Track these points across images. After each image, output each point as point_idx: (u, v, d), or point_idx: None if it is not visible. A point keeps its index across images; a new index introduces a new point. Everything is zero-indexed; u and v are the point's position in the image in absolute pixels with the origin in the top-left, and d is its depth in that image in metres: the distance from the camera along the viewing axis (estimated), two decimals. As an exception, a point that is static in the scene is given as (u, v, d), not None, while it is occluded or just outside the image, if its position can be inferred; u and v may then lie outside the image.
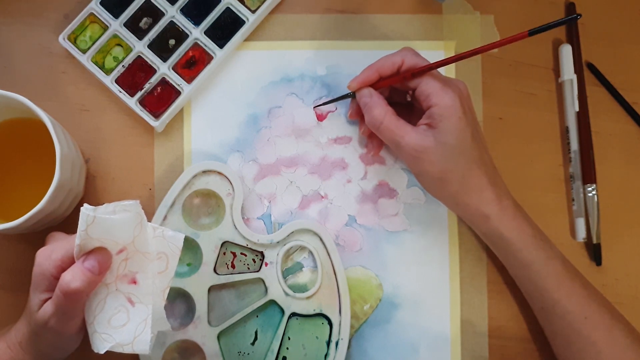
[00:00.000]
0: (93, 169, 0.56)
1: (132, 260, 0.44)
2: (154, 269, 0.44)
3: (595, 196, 0.55)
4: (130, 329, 0.43)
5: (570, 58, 0.57)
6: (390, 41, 0.57)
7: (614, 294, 0.55)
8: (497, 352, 0.55)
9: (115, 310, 0.44)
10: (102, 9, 0.56)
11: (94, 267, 0.42)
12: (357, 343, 0.55)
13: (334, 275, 0.54)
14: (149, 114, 0.55)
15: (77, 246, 0.42)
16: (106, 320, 0.43)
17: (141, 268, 0.44)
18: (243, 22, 0.56)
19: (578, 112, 0.56)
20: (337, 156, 0.56)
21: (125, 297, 0.44)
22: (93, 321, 0.44)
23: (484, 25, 0.58)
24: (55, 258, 0.43)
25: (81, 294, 0.42)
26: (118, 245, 0.43)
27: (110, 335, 0.43)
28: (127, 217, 0.42)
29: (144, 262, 0.44)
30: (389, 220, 0.56)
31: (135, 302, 0.44)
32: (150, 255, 0.44)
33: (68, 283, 0.41)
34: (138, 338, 0.43)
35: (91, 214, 0.41)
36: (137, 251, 0.44)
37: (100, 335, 0.43)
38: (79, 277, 0.41)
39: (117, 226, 0.42)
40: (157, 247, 0.44)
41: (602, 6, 0.58)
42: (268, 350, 0.53)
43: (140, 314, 0.44)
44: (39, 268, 0.44)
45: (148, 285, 0.44)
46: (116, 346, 0.43)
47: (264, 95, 0.57)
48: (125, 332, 0.43)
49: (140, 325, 0.43)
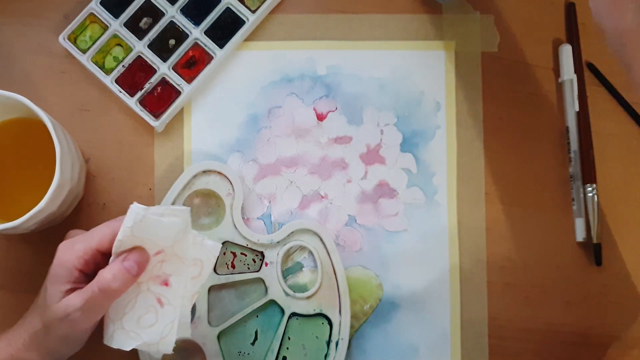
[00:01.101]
0: (93, 169, 0.56)
1: (168, 263, 0.45)
2: (189, 274, 0.45)
3: (595, 196, 0.55)
4: (158, 329, 0.44)
5: (571, 58, 0.57)
6: (390, 41, 0.57)
7: (614, 294, 0.55)
8: (497, 352, 0.55)
9: (145, 310, 0.44)
10: (102, 9, 0.56)
11: (133, 269, 0.43)
12: (357, 343, 0.55)
13: (334, 275, 0.54)
14: (149, 114, 0.55)
15: (118, 241, 0.43)
16: (136, 319, 0.44)
17: (175, 271, 0.45)
18: (243, 22, 0.56)
19: (578, 112, 0.56)
20: (337, 156, 0.56)
21: (155, 298, 0.44)
22: (122, 318, 0.44)
23: (484, 25, 0.58)
24: (77, 249, 0.44)
25: (118, 294, 0.43)
26: (157, 246, 0.44)
27: (138, 335, 0.43)
28: (175, 222, 0.43)
29: (179, 266, 0.44)
30: (389, 220, 0.56)
31: (164, 303, 0.44)
32: (187, 260, 0.44)
33: (109, 282, 0.42)
34: (164, 339, 0.44)
35: (141, 212, 0.42)
36: (174, 255, 0.44)
37: (127, 332, 0.43)
38: (119, 277, 0.42)
39: (162, 229, 0.43)
40: (194, 254, 0.45)
41: (602, 6, 0.58)
42: (268, 350, 0.53)
43: (168, 316, 0.44)
44: (59, 260, 0.44)
45: (180, 288, 0.44)
46: (142, 345, 0.43)
47: (264, 95, 0.57)
48: (153, 333, 0.44)
49: (167, 327, 0.44)
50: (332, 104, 0.57)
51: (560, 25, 0.58)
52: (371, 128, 0.57)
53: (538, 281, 0.55)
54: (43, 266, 0.55)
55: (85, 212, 0.56)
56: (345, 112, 0.57)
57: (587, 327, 0.55)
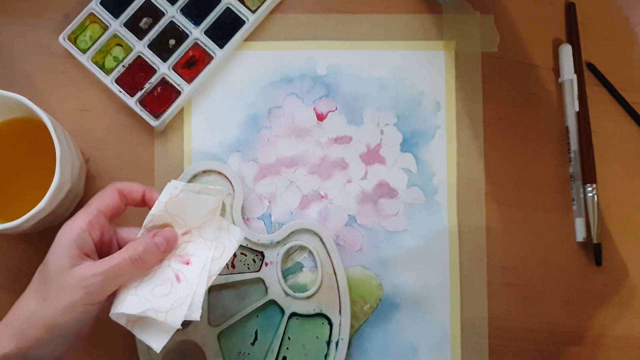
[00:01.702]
0: (93, 169, 0.56)
1: (192, 244, 0.45)
2: (210, 256, 0.45)
3: (595, 196, 0.55)
4: (170, 300, 0.43)
5: (571, 58, 0.57)
6: (390, 41, 0.57)
7: (614, 294, 0.55)
8: (497, 352, 0.55)
9: (161, 281, 0.44)
10: (102, 9, 0.56)
11: (162, 245, 0.44)
12: (357, 343, 0.55)
13: (334, 275, 0.54)
14: (149, 113, 0.55)
15: (151, 215, 0.44)
16: (150, 288, 0.44)
17: (197, 253, 0.45)
18: (243, 22, 0.56)
19: (578, 112, 0.56)
20: (337, 156, 0.56)
21: (174, 273, 0.44)
22: (137, 286, 0.44)
23: (484, 25, 0.58)
24: (81, 216, 0.44)
25: (144, 267, 0.43)
26: (186, 226, 0.45)
27: (149, 301, 0.43)
28: (208, 200, 0.44)
29: (202, 248, 0.45)
30: (389, 220, 0.56)
31: (181, 279, 0.44)
32: (211, 243, 0.45)
33: (140, 253, 0.43)
34: (174, 310, 0.43)
35: (179, 187, 0.44)
36: (200, 237, 0.45)
37: (139, 298, 0.43)
38: (149, 250, 0.43)
39: (194, 207, 0.44)
40: (218, 237, 0.46)
41: (602, 6, 0.58)
42: (268, 350, 0.53)
43: (183, 291, 0.44)
44: (64, 230, 0.44)
45: (199, 267, 0.45)
46: (151, 310, 0.42)
47: (264, 95, 0.57)
48: (164, 302, 0.43)
49: (180, 300, 0.43)
50: (332, 104, 0.57)
51: (560, 25, 0.58)
52: (371, 128, 0.57)
53: (538, 281, 0.55)
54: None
55: (85, 212, 0.56)
56: (345, 112, 0.57)
57: (587, 327, 0.55)
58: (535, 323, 0.55)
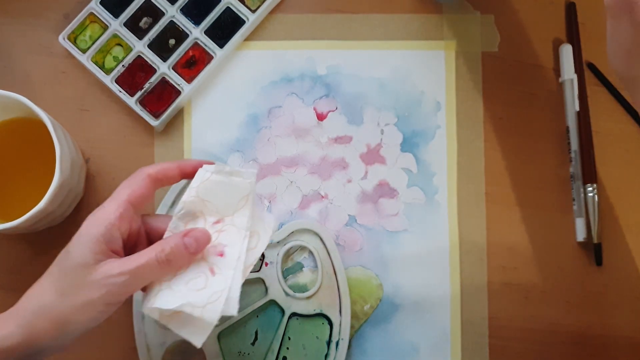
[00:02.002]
0: (93, 169, 0.56)
1: (225, 233, 0.44)
2: (245, 246, 0.44)
3: (595, 196, 0.55)
4: (205, 294, 0.42)
5: (571, 58, 0.57)
6: (390, 41, 0.57)
7: (614, 294, 0.55)
8: (497, 352, 0.55)
9: (195, 275, 0.42)
10: (102, 8, 0.56)
11: (191, 246, 0.42)
12: (358, 343, 0.55)
13: (334, 275, 0.54)
14: (149, 113, 0.55)
15: (182, 202, 0.43)
16: (184, 282, 0.42)
17: (231, 242, 0.44)
18: (243, 21, 0.56)
19: (578, 112, 0.56)
20: (337, 156, 0.56)
21: (208, 267, 0.43)
22: (170, 280, 0.42)
23: (484, 25, 0.58)
24: (109, 206, 0.42)
25: (173, 268, 0.41)
26: (218, 214, 0.44)
27: (184, 295, 0.41)
28: (240, 183, 0.43)
29: (235, 238, 0.44)
30: (389, 220, 0.56)
31: (216, 272, 0.43)
32: (244, 232, 0.44)
33: (167, 255, 0.41)
34: (210, 305, 0.41)
35: (210, 169, 0.42)
36: (232, 225, 0.44)
37: (174, 292, 0.41)
38: (177, 251, 0.41)
39: (226, 192, 0.43)
40: (252, 226, 0.44)
41: (602, 6, 0.58)
42: (268, 351, 0.53)
43: (218, 285, 0.42)
44: (91, 220, 0.41)
45: (233, 259, 0.43)
46: (186, 305, 0.41)
47: (264, 95, 0.57)
48: (200, 296, 0.41)
49: (215, 295, 0.42)
50: (332, 104, 0.57)
51: (561, 25, 0.58)
52: (371, 128, 0.57)
53: (538, 281, 0.55)
54: (43, 266, 0.55)
55: (85, 212, 0.55)
56: (346, 112, 0.57)
57: (587, 327, 0.55)
58: (535, 323, 0.55)
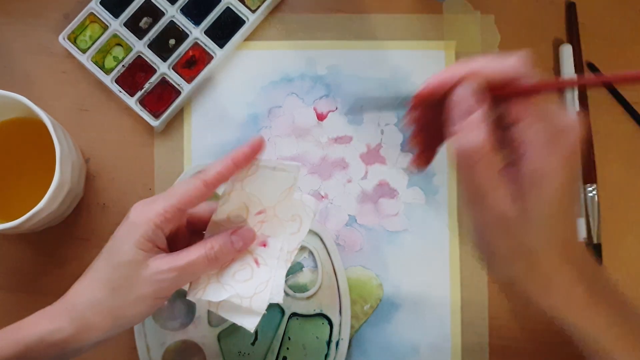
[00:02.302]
0: (93, 169, 0.56)
1: (268, 224, 0.44)
2: (287, 231, 0.44)
3: (595, 196, 0.55)
4: (252, 285, 0.43)
5: (571, 58, 0.57)
6: (390, 41, 0.57)
7: (614, 294, 0.55)
8: (497, 352, 0.55)
9: (241, 267, 0.44)
10: (102, 8, 0.56)
11: (238, 245, 0.42)
12: (357, 343, 0.55)
13: (334, 275, 0.54)
14: (149, 113, 0.55)
15: (226, 194, 0.43)
16: (231, 274, 0.43)
17: (273, 232, 0.44)
18: (243, 22, 0.56)
19: (578, 112, 0.56)
20: (337, 156, 0.56)
21: (253, 258, 0.44)
22: (218, 272, 0.43)
23: (484, 25, 0.58)
24: (157, 207, 0.41)
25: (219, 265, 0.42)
26: (261, 205, 0.44)
27: (232, 287, 0.43)
28: (284, 177, 0.43)
29: (277, 227, 0.44)
30: (389, 220, 0.56)
31: (260, 263, 0.44)
32: (286, 220, 0.44)
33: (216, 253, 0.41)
34: (257, 295, 0.43)
35: (254, 164, 0.43)
36: (274, 215, 0.44)
37: (222, 285, 0.43)
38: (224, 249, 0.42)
39: (270, 185, 0.43)
40: (293, 210, 0.45)
41: (602, 6, 0.58)
42: (268, 351, 0.53)
43: (263, 275, 0.43)
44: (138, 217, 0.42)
45: (276, 249, 0.44)
46: (235, 297, 0.42)
47: (264, 95, 0.57)
48: (247, 287, 0.43)
49: (262, 285, 0.43)
50: (332, 104, 0.57)
51: (561, 25, 0.58)
52: (371, 128, 0.57)
53: (538, 281, 0.55)
54: (43, 266, 0.55)
55: (85, 212, 0.56)
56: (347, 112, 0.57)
57: (587, 327, 0.55)
58: (535, 323, 0.55)
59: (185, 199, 0.42)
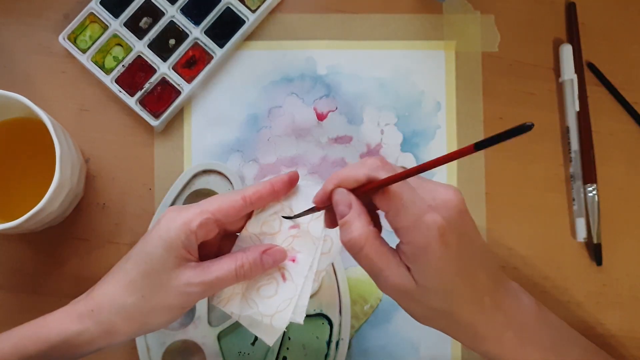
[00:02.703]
0: (93, 169, 0.56)
1: (299, 239, 0.44)
2: (318, 250, 0.44)
3: (595, 196, 0.55)
4: (275, 302, 0.43)
5: (571, 58, 0.57)
6: (390, 41, 0.57)
7: (614, 294, 0.55)
8: (497, 352, 0.55)
9: (267, 280, 0.43)
10: (102, 8, 0.56)
11: (268, 264, 0.42)
12: (358, 343, 0.55)
13: (334, 275, 0.54)
14: (149, 113, 0.55)
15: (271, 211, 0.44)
16: (256, 288, 0.43)
17: (304, 249, 0.44)
18: (243, 21, 0.56)
19: (578, 112, 0.56)
20: (337, 156, 0.56)
21: (280, 272, 0.44)
22: (244, 284, 0.43)
23: (484, 25, 0.58)
24: (193, 214, 0.41)
25: (248, 279, 0.42)
26: (295, 220, 0.44)
27: (256, 303, 0.43)
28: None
29: (309, 245, 0.44)
30: (389, 220, 0.56)
31: (287, 278, 0.43)
32: (318, 239, 0.44)
33: (246, 271, 0.41)
34: (279, 314, 0.42)
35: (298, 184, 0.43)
36: (307, 232, 0.44)
37: (246, 299, 0.43)
38: (256, 267, 0.42)
39: (306, 199, 0.43)
40: (327, 230, 0.44)
41: (602, 6, 0.58)
42: (268, 351, 0.53)
43: (288, 291, 0.43)
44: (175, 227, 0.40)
45: (305, 266, 0.44)
46: (257, 314, 0.42)
47: (264, 95, 0.57)
48: (270, 304, 0.43)
49: (284, 302, 0.43)
50: (332, 104, 0.57)
51: (561, 25, 0.58)
52: (371, 128, 0.57)
53: (538, 281, 0.55)
54: (43, 266, 0.55)
55: (85, 212, 0.56)
56: (346, 112, 0.57)
57: (587, 327, 0.55)
58: (535, 323, 0.55)
59: (222, 210, 0.42)
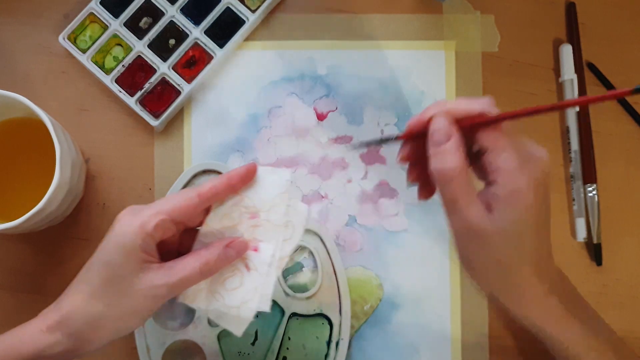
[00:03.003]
0: (93, 169, 0.56)
1: (260, 228, 0.44)
2: (280, 237, 0.44)
3: (595, 196, 0.55)
4: (241, 293, 0.43)
5: (571, 58, 0.57)
6: (390, 41, 0.57)
7: (614, 294, 0.55)
8: (497, 352, 0.55)
9: (231, 272, 0.44)
10: (102, 8, 0.56)
11: (232, 257, 0.42)
12: (358, 343, 0.55)
13: (334, 275, 0.54)
14: (149, 113, 0.55)
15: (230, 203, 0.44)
16: (221, 281, 0.43)
17: (266, 237, 0.44)
18: (243, 21, 0.56)
19: (578, 112, 0.56)
20: (337, 156, 0.56)
21: (243, 263, 0.44)
22: (209, 279, 0.43)
23: (484, 25, 0.58)
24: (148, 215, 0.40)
25: (212, 274, 0.42)
26: (254, 208, 0.44)
27: (222, 296, 0.43)
28: (277, 181, 0.44)
29: (271, 233, 0.44)
30: (389, 220, 0.56)
31: (251, 268, 0.44)
32: (279, 225, 0.44)
33: (211, 267, 0.41)
34: (246, 304, 0.43)
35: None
36: (267, 220, 0.44)
37: (213, 293, 0.43)
38: (219, 261, 0.42)
39: (263, 187, 0.44)
40: (286, 217, 0.45)
41: (602, 6, 0.58)
42: (268, 351, 0.53)
43: (252, 281, 0.43)
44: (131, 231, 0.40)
45: (268, 254, 0.44)
46: (223, 306, 0.43)
47: (264, 95, 0.57)
48: (236, 295, 0.43)
49: (250, 293, 0.43)
50: (332, 104, 0.57)
51: (561, 25, 0.58)
52: (371, 128, 0.57)
53: (538, 281, 0.55)
54: (43, 266, 0.55)
55: (85, 212, 0.56)
56: (346, 112, 0.57)
57: (587, 327, 0.55)
58: (535, 323, 0.55)
59: (178, 209, 0.41)
